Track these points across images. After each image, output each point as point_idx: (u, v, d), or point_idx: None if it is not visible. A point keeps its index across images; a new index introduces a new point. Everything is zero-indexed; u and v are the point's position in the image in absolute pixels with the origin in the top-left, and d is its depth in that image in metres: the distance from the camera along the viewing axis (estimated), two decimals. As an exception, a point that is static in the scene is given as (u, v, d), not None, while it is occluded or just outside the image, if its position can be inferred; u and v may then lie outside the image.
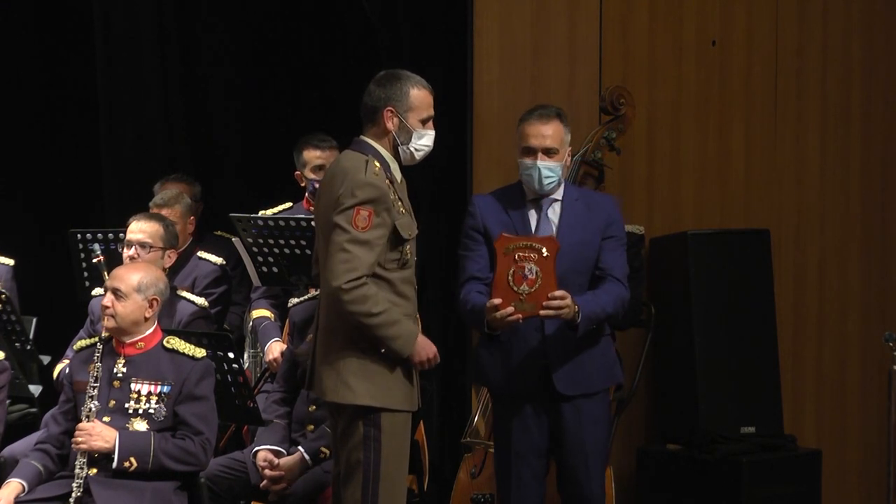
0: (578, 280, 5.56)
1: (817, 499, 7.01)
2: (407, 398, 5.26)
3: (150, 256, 6.38)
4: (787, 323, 7.37)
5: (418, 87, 5.30)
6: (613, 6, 7.14)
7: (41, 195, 8.32)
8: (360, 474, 5.21)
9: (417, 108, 5.29)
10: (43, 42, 8.36)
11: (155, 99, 8.29)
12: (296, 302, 6.42)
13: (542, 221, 5.61)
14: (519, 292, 5.38)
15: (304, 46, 8.27)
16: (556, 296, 5.36)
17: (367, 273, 5.13)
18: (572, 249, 5.54)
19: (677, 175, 7.28)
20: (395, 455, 5.24)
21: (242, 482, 6.09)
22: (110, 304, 5.64)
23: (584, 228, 5.61)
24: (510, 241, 5.42)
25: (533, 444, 5.63)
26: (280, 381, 6.31)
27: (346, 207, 5.14)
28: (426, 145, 5.33)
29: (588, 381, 5.61)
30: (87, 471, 5.51)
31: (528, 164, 5.59)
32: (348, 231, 5.13)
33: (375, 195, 5.15)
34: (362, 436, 5.20)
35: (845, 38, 7.56)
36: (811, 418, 7.49)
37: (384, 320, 5.15)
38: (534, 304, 5.37)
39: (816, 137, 7.53)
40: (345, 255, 5.12)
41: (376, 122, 5.30)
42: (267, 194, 7.39)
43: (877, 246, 7.63)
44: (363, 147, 5.29)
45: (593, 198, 5.77)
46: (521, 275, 5.38)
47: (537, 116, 5.62)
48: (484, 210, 5.67)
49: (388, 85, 5.30)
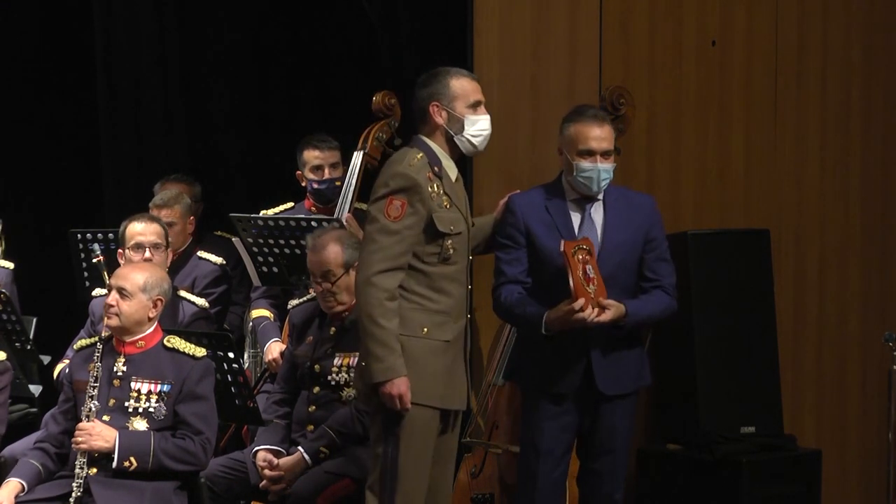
0: (626, 278, 5.61)
1: (817, 499, 7.00)
2: (436, 394, 5.24)
3: (161, 257, 6.40)
4: (787, 323, 7.37)
5: (457, 77, 5.37)
6: (613, 6, 7.13)
7: (41, 195, 8.32)
8: (379, 467, 5.23)
9: (462, 96, 5.34)
10: (43, 42, 8.37)
11: (155, 99, 8.29)
12: (295, 304, 6.43)
13: (586, 222, 5.63)
14: (590, 291, 5.41)
15: (305, 46, 8.27)
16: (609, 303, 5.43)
17: (396, 265, 5.15)
18: (619, 249, 5.59)
19: (677, 175, 7.27)
20: (415, 451, 5.22)
21: (242, 482, 6.09)
22: (115, 303, 5.64)
23: (627, 228, 5.64)
24: (573, 244, 5.45)
25: (564, 442, 5.64)
26: (280, 382, 6.32)
27: (380, 197, 5.20)
28: (482, 129, 5.37)
29: (624, 381, 5.64)
30: (87, 470, 5.51)
31: (586, 166, 5.59)
32: (379, 220, 5.19)
33: (408, 185, 5.19)
34: (382, 428, 5.21)
35: (845, 38, 7.55)
36: (811, 418, 7.48)
37: (381, 337, 5.13)
38: (597, 303, 5.43)
39: (816, 137, 7.52)
40: (374, 246, 5.18)
41: (426, 121, 5.35)
42: (268, 194, 7.40)
43: (877, 246, 7.62)
44: (417, 143, 5.35)
45: (633, 197, 5.79)
46: (588, 276, 5.43)
47: (592, 118, 5.63)
48: (525, 209, 5.65)
49: (429, 83, 5.36)
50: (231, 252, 7.08)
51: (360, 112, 7.12)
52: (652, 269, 5.67)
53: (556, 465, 5.64)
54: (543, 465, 5.62)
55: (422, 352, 5.22)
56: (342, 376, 6.07)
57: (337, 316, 6.14)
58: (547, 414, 5.62)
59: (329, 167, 7.03)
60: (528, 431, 5.71)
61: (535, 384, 5.67)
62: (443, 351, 5.26)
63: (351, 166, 6.99)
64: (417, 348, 5.21)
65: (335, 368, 6.08)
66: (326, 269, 6.05)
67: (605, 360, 5.58)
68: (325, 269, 6.05)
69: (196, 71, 8.34)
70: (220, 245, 7.34)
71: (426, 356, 5.22)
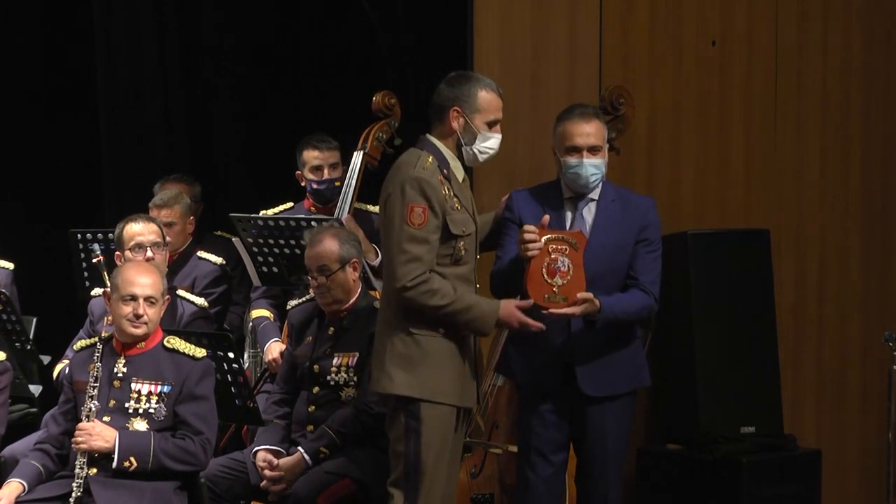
0: (611, 282, 5.59)
1: (817, 499, 7.00)
2: (454, 392, 5.29)
3: (162, 256, 6.41)
4: (787, 323, 7.37)
5: (487, 90, 5.36)
6: (613, 6, 7.14)
7: (41, 195, 8.32)
8: (401, 465, 5.26)
9: (485, 111, 5.35)
10: (43, 42, 8.37)
11: (155, 99, 8.30)
12: (294, 304, 6.42)
13: (577, 221, 5.63)
14: (552, 284, 5.40)
15: (305, 46, 8.27)
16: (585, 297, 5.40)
17: (428, 269, 5.19)
18: (605, 251, 5.57)
19: (677, 175, 7.27)
20: (436, 448, 5.27)
21: (242, 482, 6.09)
22: (144, 313, 5.61)
23: (618, 230, 5.63)
24: (543, 234, 5.44)
25: (552, 440, 5.64)
26: (280, 382, 6.32)
27: (400, 204, 5.20)
28: (491, 148, 5.39)
29: (614, 383, 5.63)
30: (87, 471, 5.51)
31: (573, 162, 5.59)
32: (405, 229, 5.19)
33: (426, 191, 5.19)
34: (403, 427, 5.24)
35: (845, 38, 7.55)
36: (811, 418, 7.48)
37: (457, 307, 5.22)
38: (565, 297, 5.42)
39: (816, 137, 7.52)
40: (405, 256, 5.19)
41: (443, 122, 5.35)
42: (268, 194, 7.40)
43: (877, 246, 7.62)
44: (424, 144, 5.35)
45: (632, 199, 5.77)
46: (555, 267, 5.41)
47: (579, 115, 5.62)
48: (521, 204, 5.68)
49: (457, 85, 5.35)
50: (231, 252, 7.08)
51: (360, 112, 7.12)
52: (634, 266, 5.64)
53: (547, 462, 5.64)
54: (533, 461, 5.64)
55: (439, 351, 5.27)
56: (341, 376, 6.07)
57: (335, 316, 6.14)
58: (533, 410, 5.64)
59: (329, 167, 7.03)
60: (520, 428, 5.76)
61: (523, 379, 5.70)
62: (458, 350, 5.32)
63: (351, 166, 6.99)
64: (435, 347, 5.27)
65: (334, 368, 6.08)
66: (322, 264, 6.05)
67: (588, 361, 5.58)
68: (321, 263, 6.05)
69: (196, 71, 8.34)
70: (220, 245, 7.34)
71: (443, 355, 5.28)
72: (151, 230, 6.43)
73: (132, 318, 5.61)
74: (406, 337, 5.25)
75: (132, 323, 5.62)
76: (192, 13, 8.29)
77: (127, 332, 5.63)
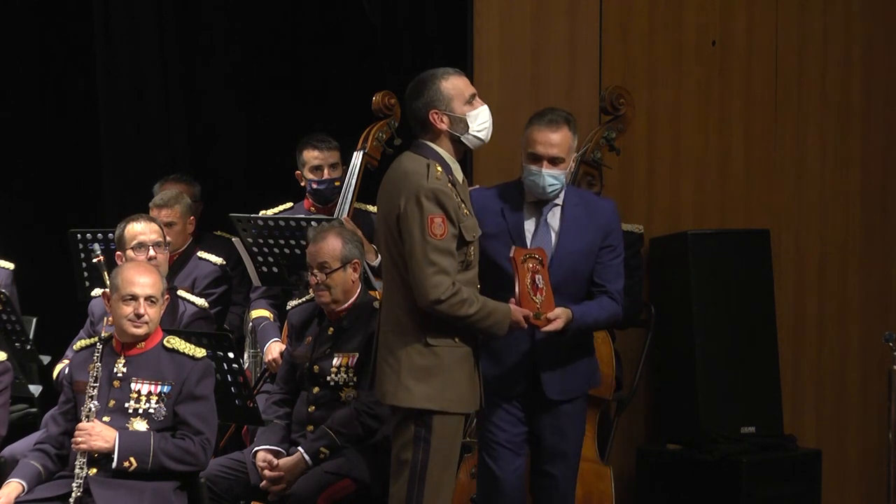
0: (574, 288, 5.53)
1: (817, 499, 7.01)
2: (463, 400, 5.27)
3: (164, 255, 6.40)
4: (787, 323, 7.37)
5: (445, 78, 5.30)
6: (613, 6, 7.14)
7: (41, 196, 8.32)
8: (406, 473, 5.23)
9: (457, 95, 5.28)
10: (43, 42, 8.36)
11: (155, 99, 8.29)
12: (294, 304, 6.42)
13: (541, 227, 5.55)
14: (536, 301, 5.38)
15: (305, 46, 8.27)
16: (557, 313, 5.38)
17: (454, 279, 5.16)
18: (572, 258, 5.52)
19: (677, 175, 7.28)
20: (443, 457, 5.24)
21: (242, 482, 6.09)
22: (145, 312, 5.62)
23: (583, 236, 5.55)
24: (523, 252, 5.40)
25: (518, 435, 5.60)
26: (280, 382, 6.32)
27: (419, 217, 5.14)
28: (484, 122, 5.31)
29: (573, 386, 5.62)
30: (87, 471, 5.51)
31: (533, 170, 5.51)
32: (428, 241, 5.13)
33: (443, 201, 5.15)
34: (413, 435, 5.22)
35: (845, 38, 7.56)
36: (811, 418, 7.49)
37: (482, 314, 5.20)
38: (544, 313, 5.38)
39: (816, 137, 7.53)
40: (433, 269, 5.13)
41: (429, 129, 5.28)
42: (268, 194, 7.40)
43: (877, 246, 7.63)
44: (423, 150, 5.28)
45: (594, 202, 5.68)
46: (535, 284, 5.39)
47: (546, 123, 5.52)
48: (480, 204, 5.52)
49: (420, 92, 5.28)
50: (231, 252, 7.08)
51: (360, 112, 7.12)
52: (601, 274, 5.57)
53: (516, 456, 5.61)
54: (498, 454, 5.58)
55: (453, 361, 5.23)
56: (341, 376, 6.07)
57: (335, 316, 6.14)
58: (498, 407, 5.58)
59: (328, 167, 7.03)
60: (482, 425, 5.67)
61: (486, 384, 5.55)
62: (469, 357, 5.30)
63: (351, 166, 6.99)
64: (451, 357, 5.23)
65: (334, 369, 6.08)
66: (322, 261, 6.05)
67: (553, 366, 5.55)
68: (321, 259, 6.05)
69: (196, 70, 8.34)
70: (220, 245, 7.34)
71: (457, 365, 5.24)
72: (153, 230, 6.43)
73: (133, 317, 5.61)
74: (423, 348, 5.20)
75: (133, 323, 5.62)
76: (192, 13, 8.29)
77: (128, 332, 5.63)
